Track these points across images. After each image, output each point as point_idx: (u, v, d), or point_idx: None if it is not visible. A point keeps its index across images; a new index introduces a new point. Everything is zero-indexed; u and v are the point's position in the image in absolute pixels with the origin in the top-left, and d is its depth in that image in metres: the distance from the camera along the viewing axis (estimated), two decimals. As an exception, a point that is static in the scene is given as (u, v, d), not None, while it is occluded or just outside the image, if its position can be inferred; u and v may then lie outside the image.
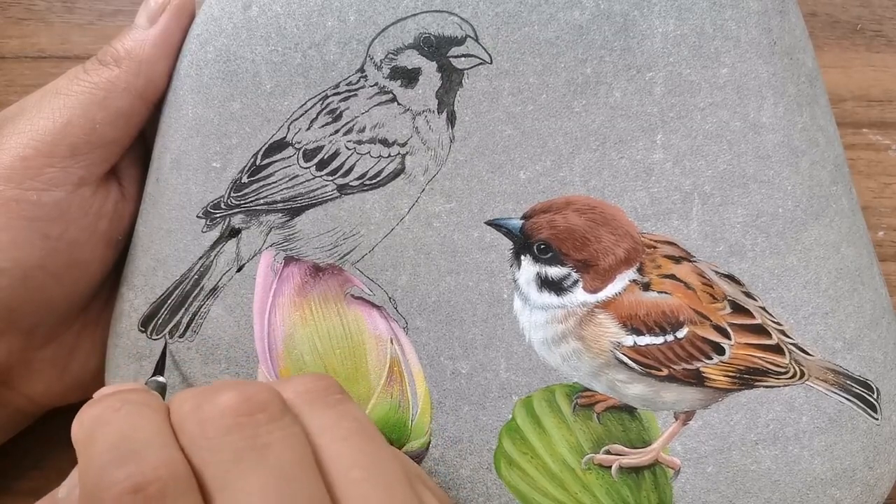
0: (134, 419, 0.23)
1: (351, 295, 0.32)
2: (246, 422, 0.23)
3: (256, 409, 0.23)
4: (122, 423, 0.23)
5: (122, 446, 0.22)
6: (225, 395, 0.23)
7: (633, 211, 0.31)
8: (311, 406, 0.25)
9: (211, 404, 0.23)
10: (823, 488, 0.30)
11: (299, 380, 0.25)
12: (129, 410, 0.23)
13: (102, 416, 0.23)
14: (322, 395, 0.25)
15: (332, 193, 0.31)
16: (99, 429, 0.23)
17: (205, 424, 0.23)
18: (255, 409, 0.23)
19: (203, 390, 0.24)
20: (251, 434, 0.23)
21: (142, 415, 0.23)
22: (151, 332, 0.32)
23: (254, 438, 0.22)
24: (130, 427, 0.23)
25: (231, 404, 0.23)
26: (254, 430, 0.23)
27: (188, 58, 0.32)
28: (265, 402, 0.23)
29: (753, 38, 0.31)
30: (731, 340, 0.31)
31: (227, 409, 0.23)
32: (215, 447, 0.22)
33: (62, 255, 0.31)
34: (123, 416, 0.23)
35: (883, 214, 0.38)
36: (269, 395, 0.24)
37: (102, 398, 0.24)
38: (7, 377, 0.33)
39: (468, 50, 0.31)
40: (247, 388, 0.23)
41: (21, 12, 0.41)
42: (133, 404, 0.24)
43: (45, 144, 0.30)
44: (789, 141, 0.31)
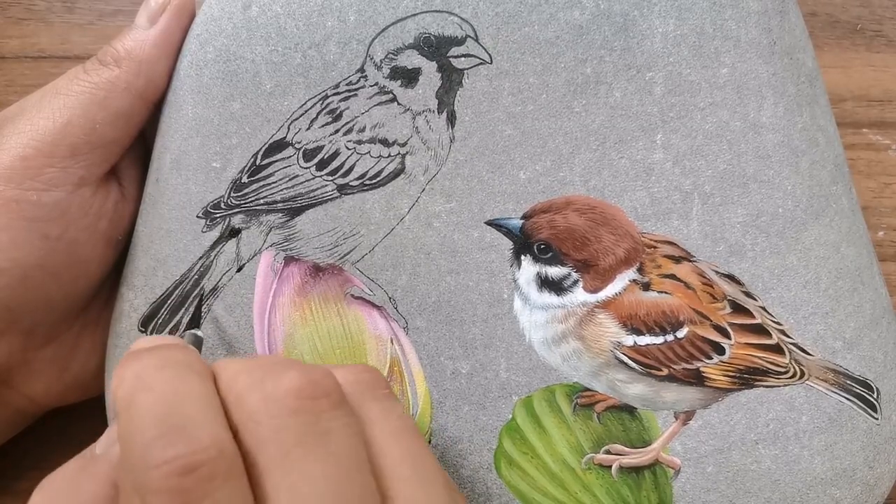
0: (180, 385, 0.22)
1: (351, 295, 0.32)
2: (310, 406, 0.22)
3: (321, 394, 0.23)
4: (167, 388, 0.22)
5: (169, 419, 0.21)
6: (290, 374, 0.23)
7: (633, 211, 0.31)
8: (362, 397, 0.24)
9: (275, 382, 0.22)
10: (823, 488, 0.30)
11: (350, 369, 0.25)
12: (174, 374, 0.22)
13: (145, 376, 0.22)
14: (372, 387, 0.25)
15: (332, 193, 0.31)
16: (142, 393, 0.22)
17: (269, 402, 0.22)
18: (320, 394, 0.23)
19: (261, 364, 0.23)
20: (314, 419, 0.22)
21: (187, 381, 0.22)
22: (151, 332, 0.32)
23: (316, 424, 0.22)
24: (176, 395, 0.22)
25: (297, 385, 0.22)
26: (317, 416, 0.22)
27: (188, 58, 0.32)
28: (329, 387, 0.23)
29: (753, 38, 0.31)
30: (731, 340, 0.31)
31: (293, 390, 0.22)
32: (278, 427, 0.22)
33: (62, 255, 0.31)
34: (168, 380, 0.22)
35: (883, 214, 0.38)
36: (332, 381, 0.23)
37: (142, 353, 0.23)
38: (7, 377, 0.33)
39: (468, 50, 0.31)
40: (311, 371, 0.23)
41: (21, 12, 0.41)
42: (177, 366, 0.23)
43: (45, 144, 0.30)
44: (789, 141, 0.31)
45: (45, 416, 0.35)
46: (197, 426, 0.21)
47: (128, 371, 0.23)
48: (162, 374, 0.22)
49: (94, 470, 0.23)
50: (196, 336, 0.29)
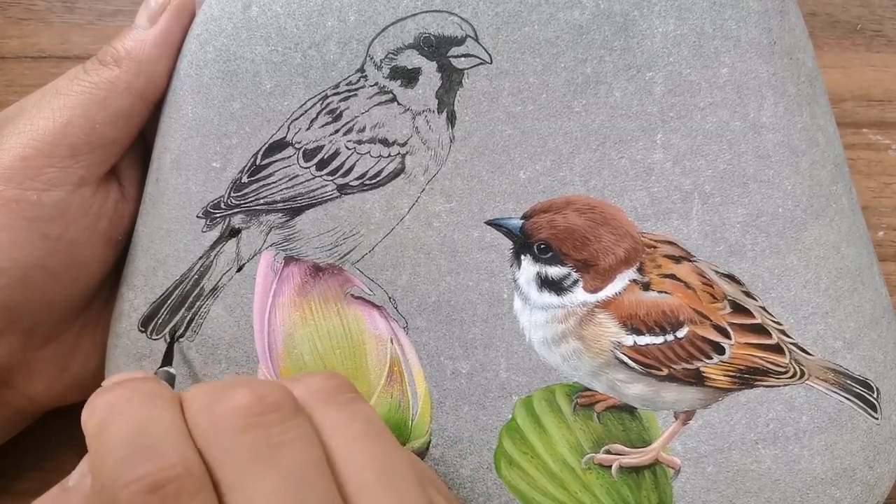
0: (147, 410, 0.23)
1: (351, 295, 0.32)
2: (259, 422, 0.23)
3: (269, 409, 0.23)
4: (135, 414, 0.23)
5: (137, 441, 0.22)
6: (238, 394, 0.23)
7: (633, 211, 0.31)
8: (323, 405, 0.24)
9: (224, 403, 0.23)
10: (823, 488, 0.30)
11: (311, 378, 0.25)
12: (142, 401, 0.23)
13: (115, 404, 0.23)
14: (334, 393, 0.25)
15: (332, 193, 0.31)
16: (111, 418, 0.22)
17: (218, 423, 0.23)
18: (268, 409, 0.23)
19: (215, 387, 0.24)
20: (264, 434, 0.22)
21: (155, 406, 0.23)
22: (151, 332, 0.32)
23: (267, 439, 0.22)
24: (145, 419, 0.22)
25: (244, 403, 0.23)
26: (267, 431, 0.22)
27: (188, 58, 0.32)
28: (278, 401, 0.23)
29: (753, 37, 0.31)
30: (731, 340, 0.31)
31: (241, 409, 0.23)
32: (229, 447, 0.22)
33: (62, 255, 0.31)
34: (136, 406, 0.23)
35: (883, 214, 0.38)
36: (281, 394, 0.23)
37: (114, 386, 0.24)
38: (7, 377, 0.33)
39: (468, 50, 0.31)
40: (260, 388, 0.23)
41: (21, 12, 0.41)
42: (146, 394, 0.23)
43: (45, 144, 0.30)
44: (789, 141, 0.31)
45: (45, 416, 0.35)
46: (164, 445, 0.22)
47: (98, 401, 0.23)
48: (131, 402, 0.23)
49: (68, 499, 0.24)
50: (168, 373, 0.30)
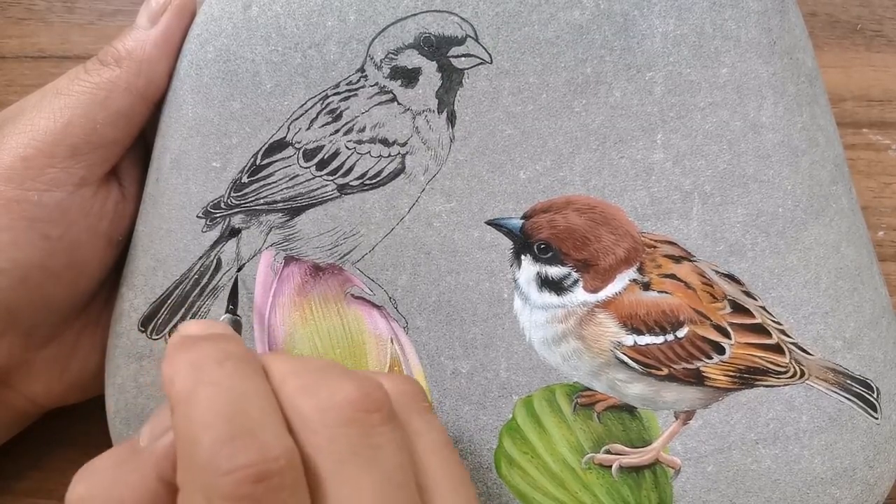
0: (242, 382, 0.22)
1: (351, 294, 0.32)
2: (364, 419, 0.22)
3: (374, 408, 0.23)
4: (229, 385, 0.22)
5: (237, 423, 0.21)
6: (345, 386, 0.23)
7: (633, 210, 0.31)
8: (407, 409, 0.24)
9: (330, 391, 0.22)
10: (823, 487, 0.31)
11: (395, 380, 0.25)
12: (234, 369, 0.22)
13: (204, 369, 0.22)
14: (414, 400, 0.25)
15: (332, 193, 0.31)
16: (203, 387, 0.22)
17: (324, 412, 0.22)
18: (373, 408, 0.23)
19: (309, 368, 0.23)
20: (367, 432, 0.22)
21: (249, 378, 0.22)
22: (151, 331, 0.32)
23: (369, 437, 0.22)
24: (240, 394, 0.22)
25: (353, 397, 0.22)
26: (370, 429, 0.22)
27: (188, 58, 0.32)
28: (381, 401, 0.23)
29: (753, 37, 0.31)
30: (731, 340, 0.31)
31: (348, 402, 0.22)
32: (333, 437, 0.22)
33: (62, 256, 0.31)
34: (229, 375, 0.22)
35: (883, 214, 0.38)
36: (383, 394, 0.23)
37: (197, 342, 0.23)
38: (7, 377, 0.33)
39: (468, 50, 0.31)
40: (364, 383, 0.23)
41: (21, 12, 0.41)
42: (236, 361, 0.23)
43: (45, 145, 0.30)
44: (789, 140, 0.31)
45: (45, 416, 0.35)
46: (266, 432, 0.21)
47: (182, 360, 0.22)
48: (223, 368, 0.22)
49: (138, 463, 0.23)
50: (236, 321, 0.29)
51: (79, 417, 0.36)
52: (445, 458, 0.24)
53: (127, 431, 0.32)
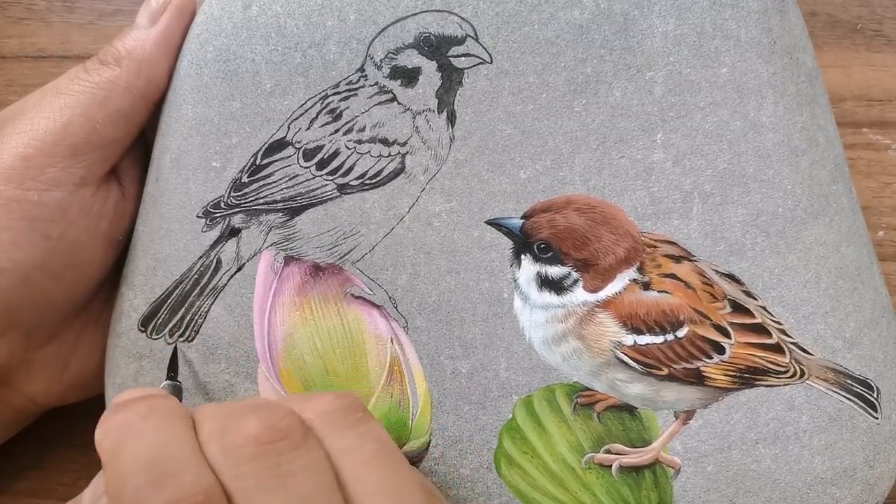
0: (164, 432, 0.23)
1: (351, 294, 0.32)
2: (269, 450, 0.23)
3: (279, 437, 0.23)
4: (152, 435, 0.23)
5: (157, 466, 0.22)
6: (247, 422, 0.23)
7: (633, 210, 0.31)
8: (332, 427, 0.24)
9: (234, 431, 0.23)
10: (824, 487, 0.30)
11: (320, 399, 0.25)
12: (159, 421, 0.23)
13: (131, 425, 0.23)
14: (343, 415, 0.25)
15: (332, 193, 0.31)
16: (128, 440, 0.22)
17: (228, 452, 0.23)
18: (278, 437, 0.23)
19: (225, 411, 0.24)
20: (274, 463, 0.22)
21: (172, 428, 0.23)
22: (151, 331, 0.32)
23: (277, 467, 0.22)
24: (162, 442, 0.22)
25: (253, 432, 0.23)
26: (277, 459, 0.23)
27: (188, 57, 0.32)
28: (287, 428, 0.23)
29: (753, 37, 0.31)
30: (731, 340, 0.31)
31: (250, 437, 0.23)
32: (240, 475, 0.22)
33: (62, 256, 0.31)
34: (153, 427, 0.23)
35: (883, 214, 0.38)
36: (290, 420, 0.23)
37: (126, 404, 0.24)
38: (7, 377, 0.33)
39: (468, 49, 0.31)
40: (269, 415, 0.23)
41: (21, 12, 0.41)
42: (161, 413, 0.23)
43: (45, 144, 0.30)
44: (789, 140, 0.31)
45: (45, 416, 0.35)
46: (184, 472, 0.22)
47: (113, 422, 0.23)
48: (147, 421, 0.23)
49: None
50: (175, 386, 0.30)
51: (79, 417, 0.36)
52: (379, 469, 0.24)
53: (127, 431, 0.32)
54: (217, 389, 0.32)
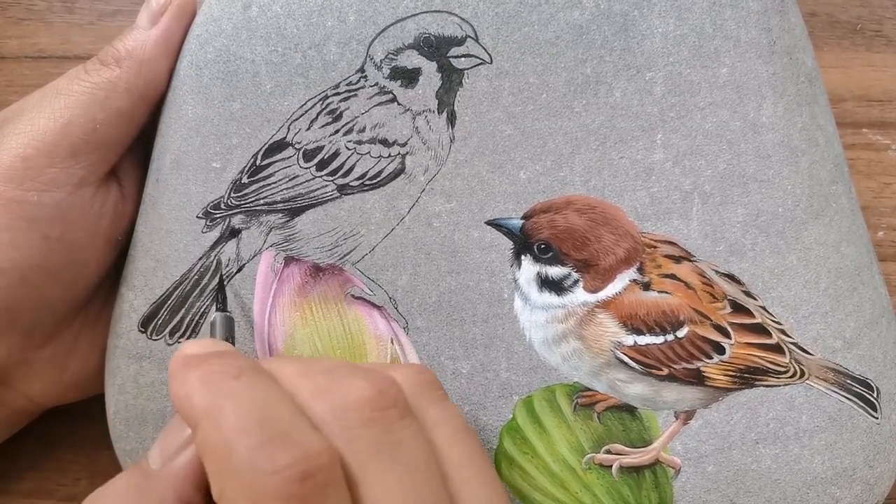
0: (263, 393, 0.22)
1: (351, 295, 0.32)
2: (381, 416, 0.22)
3: (389, 404, 0.22)
4: (251, 396, 0.21)
5: (270, 427, 0.21)
6: (357, 384, 0.22)
7: (633, 210, 0.31)
8: (421, 400, 0.24)
9: (342, 392, 0.22)
10: (823, 487, 0.31)
11: (406, 371, 0.25)
12: (251, 379, 0.22)
13: (222, 384, 0.22)
14: (429, 388, 0.25)
15: (332, 193, 0.31)
16: (226, 401, 0.21)
17: (339, 414, 0.22)
18: (389, 404, 0.22)
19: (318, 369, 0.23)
20: (386, 429, 0.22)
21: (269, 387, 0.22)
22: (152, 332, 0.32)
23: (389, 434, 0.22)
24: (264, 403, 0.21)
25: (366, 396, 0.22)
26: (388, 426, 0.22)
27: (188, 58, 0.32)
28: (395, 396, 0.23)
29: (753, 37, 0.31)
30: (731, 340, 0.31)
31: (363, 401, 0.22)
32: (353, 438, 0.22)
33: (62, 256, 0.31)
34: (248, 386, 0.22)
35: (883, 214, 0.38)
36: (397, 389, 0.23)
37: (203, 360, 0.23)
38: (6, 377, 0.33)
39: (468, 50, 0.31)
40: (376, 380, 0.23)
41: (21, 12, 0.41)
42: (250, 372, 0.22)
43: (45, 145, 0.30)
44: (789, 140, 0.31)
45: (45, 416, 0.35)
46: (298, 431, 0.21)
47: (193, 378, 0.22)
48: (239, 381, 0.22)
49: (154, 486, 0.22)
50: (227, 317, 0.29)
51: (79, 417, 0.36)
52: (464, 444, 0.24)
53: (127, 432, 0.32)
54: (217, 390, 0.32)
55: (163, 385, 0.32)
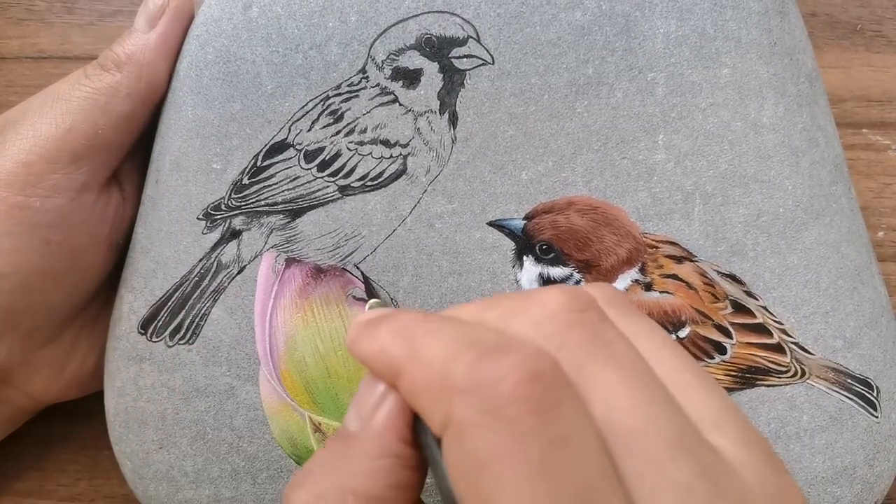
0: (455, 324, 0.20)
1: (353, 296, 0.32)
2: (582, 318, 0.20)
3: (586, 307, 0.21)
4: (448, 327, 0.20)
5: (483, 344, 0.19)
6: (549, 294, 0.21)
7: (635, 211, 0.31)
8: (617, 310, 0.22)
9: (536, 304, 0.21)
10: (824, 486, 0.31)
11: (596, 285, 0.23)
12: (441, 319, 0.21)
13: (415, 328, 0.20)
14: (625, 300, 0.23)
15: (333, 195, 0.31)
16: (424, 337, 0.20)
17: (539, 324, 0.20)
18: (586, 307, 0.21)
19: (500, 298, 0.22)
20: (591, 330, 0.20)
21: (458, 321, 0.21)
22: (152, 334, 0.32)
23: (596, 335, 0.20)
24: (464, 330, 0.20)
25: (562, 301, 0.21)
26: (592, 327, 0.20)
27: (188, 59, 0.31)
28: (591, 301, 0.21)
29: (754, 38, 0.31)
30: (732, 340, 0.31)
31: (560, 307, 0.21)
32: (562, 344, 0.20)
33: (63, 260, 0.31)
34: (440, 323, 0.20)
35: (883, 214, 0.38)
36: (590, 296, 0.21)
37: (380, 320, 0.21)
38: (7, 376, 0.33)
39: (470, 51, 0.31)
40: (568, 289, 0.21)
41: (21, 13, 0.41)
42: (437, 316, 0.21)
43: (48, 151, 0.30)
44: (790, 141, 0.31)
45: (44, 416, 0.35)
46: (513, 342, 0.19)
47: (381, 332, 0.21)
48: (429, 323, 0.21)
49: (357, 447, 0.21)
50: (384, 302, 0.29)
51: (78, 416, 0.36)
52: (677, 352, 0.22)
53: (127, 434, 0.32)
54: (218, 392, 0.32)
55: (163, 387, 0.32)
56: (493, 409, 0.18)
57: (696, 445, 0.19)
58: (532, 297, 0.21)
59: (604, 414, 0.19)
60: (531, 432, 0.18)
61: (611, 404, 0.19)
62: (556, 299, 0.21)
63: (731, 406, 0.21)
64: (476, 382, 0.18)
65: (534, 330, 0.20)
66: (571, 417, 0.18)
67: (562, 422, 0.18)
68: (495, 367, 0.18)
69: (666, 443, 0.19)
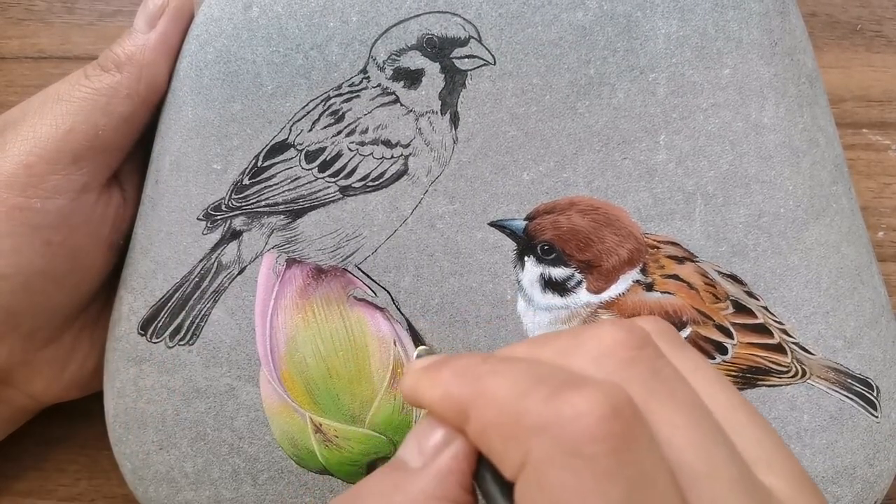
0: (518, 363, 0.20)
1: (354, 297, 0.32)
2: (641, 356, 0.20)
3: (644, 343, 0.21)
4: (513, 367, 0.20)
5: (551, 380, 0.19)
6: (607, 330, 0.21)
7: (636, 211, 0.31)
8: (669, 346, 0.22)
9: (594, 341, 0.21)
10: (824, 486, 0.31)
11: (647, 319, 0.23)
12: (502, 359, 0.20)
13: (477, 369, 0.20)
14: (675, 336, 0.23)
15: (334, 195, 0.31)
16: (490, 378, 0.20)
17: (600, 360, 0.20)
18: (643, 343, 0.21)
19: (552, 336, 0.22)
20: (651, 368, 0.20)
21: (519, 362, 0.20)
22: (151, 335, 0.32)
23: (655, 372, 0.20)
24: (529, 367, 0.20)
25: (620, 338, 0.20)
26: (651, 364, 0.20)
27: (188, 59, 0.31)
28: (646, 337, 0.21)
29: (755, 39, 0.31)
30: (733, 340, 0.31)
31: (618, 344, 0.20)
32: (624, 380, 0.20)
33: (64, 261, 0.31)
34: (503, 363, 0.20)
35: (883, 214, 0.38)
36: (645, 331, 0.21)
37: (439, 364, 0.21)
38: (8, 377, 0.33)
39: (471, 51, 0.31)
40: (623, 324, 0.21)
41: (21, 13, 0.41)
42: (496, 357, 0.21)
43: (48, 152, 0.30)
44: (790, 141, 0.31)
45: (45, 416, 0.35)
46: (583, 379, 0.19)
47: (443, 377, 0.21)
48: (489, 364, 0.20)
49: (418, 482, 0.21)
50: (430, 350, 0.30)
51: (78, 416, 0.36)
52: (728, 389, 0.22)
53: (126, 436, 0.32)
54: (218, 393, 0.32)
55: (163, 388, 0.32)
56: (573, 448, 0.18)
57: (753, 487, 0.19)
58: (587, 334, 0.21)
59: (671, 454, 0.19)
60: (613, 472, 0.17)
61: (676, 444, 0.19)
62: (614, 335, 0.21)
63: (779, 442, 0.21)
64: (553, 420, 0.18)
65: (594, 367, 0.20)
66: (650, 457, 0.18)
67: (642, 461, 0.18)
68: (572, 404, 0.18)
69: (729, 485, 0.19)
